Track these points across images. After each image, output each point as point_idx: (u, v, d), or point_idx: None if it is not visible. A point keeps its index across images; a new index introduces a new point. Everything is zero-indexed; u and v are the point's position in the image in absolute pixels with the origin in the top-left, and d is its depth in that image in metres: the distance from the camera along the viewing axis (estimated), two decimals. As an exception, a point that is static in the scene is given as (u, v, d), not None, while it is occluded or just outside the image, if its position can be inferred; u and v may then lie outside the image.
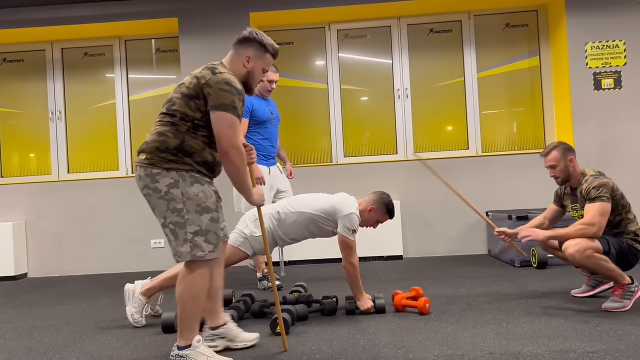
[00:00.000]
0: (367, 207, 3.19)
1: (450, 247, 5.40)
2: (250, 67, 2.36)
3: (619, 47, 5.23)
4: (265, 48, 2.38)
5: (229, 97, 2.18)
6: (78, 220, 5.55)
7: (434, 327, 2.78)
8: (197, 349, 2.22)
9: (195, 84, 2.22)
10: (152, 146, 2.22)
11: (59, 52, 5.89)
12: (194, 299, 2.22)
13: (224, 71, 2.25)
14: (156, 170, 2.19)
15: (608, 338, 2.44)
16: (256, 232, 3.13)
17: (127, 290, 3.12)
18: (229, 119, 2.17)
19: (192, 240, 2.18)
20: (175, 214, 2.18)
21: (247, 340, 2.55)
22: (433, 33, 5.74)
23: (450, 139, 5.72)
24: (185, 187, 2.17)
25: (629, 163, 5.21)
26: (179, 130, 2.21)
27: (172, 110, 2.24)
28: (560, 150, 3.16)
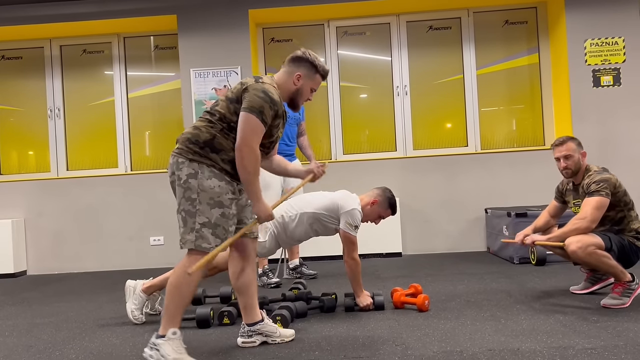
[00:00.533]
0: (370, 201, 3.21)
1: (449, 244, 5.41)
2: (299, 85, 2.47)
3: (618, 44, 5.23)
4: (316, 69, 2.50)
5: (259, 102, 2.27)
6: (77, 217, 5.55)
7: (433, 323, 2.79)
8: (169, 341, 2.22)
9: (238, 89, 2.34)
10: (185, 137, 2.33)
11: (58, 50, 5.88)
12: (179, 290, 2.25)
13: (267, 82, 2.36)
14: (182, 159, 2.29)
15: (607, 335, 2.44)
16: (260, 237, 3.13)
17: (128, 287, 3.12)
18: (251, 120, 2.26)
19: (199, 230, 2.24)
20: (188, 203, 2.26)
21: (285, 336, 2.58)
22: (432, 30, 5.74)
23: (450, 136, 5.72)
24: (202, 180, 2.25)
25: (628, 160, 5.21)
26: (213, 128, 2.31)
27: (214, 110, 2.35)
28: (575, 143, 3.16)
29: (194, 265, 2.21)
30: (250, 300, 2.55)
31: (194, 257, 2.25)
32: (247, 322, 2.56)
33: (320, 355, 2.37)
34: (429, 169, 5.44)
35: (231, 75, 5.37)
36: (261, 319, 2.56)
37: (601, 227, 3.08)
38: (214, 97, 5.38)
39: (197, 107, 5.38)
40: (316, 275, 4.27)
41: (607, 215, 3.05)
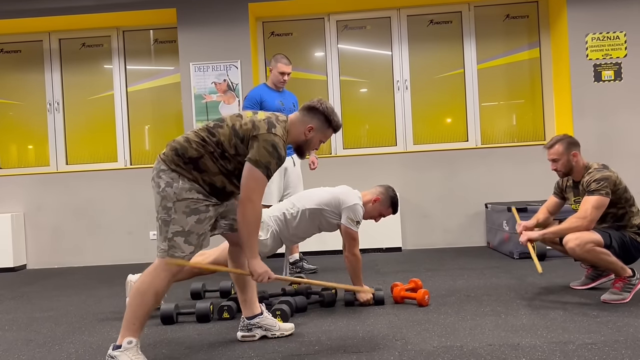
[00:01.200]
0: (372, 198, 3.19)
1: (449, 239, 5.40)
2: (309, 137, 2.45)
3: (620, 38, 5.21)
4: (329, 124, 2.46)
5: (267, 158, 2.23)
6: (77, 211, 5.54)
7: (432, 318, 2.78)
8: (126, 351, 2.15)
9: (248, 129, 2.27)
10: (173, 146, 2.28)
11: (57, 43, 5.86)
12: (144, 297, 2.19)
13: (279, 134, 2.29)
14: (164, 167, 2.25)
15: (607, 330, 2.44)
16: (261, 235, 3.09)
17: (130, 281, 3.11)
18: (257, 175, 2.23)
19: (171, 239, 2.21)
20: (164, 211, 2.22)
21: (284, 330, 2.59)
22: (433, 24, 5.71)
23: (450, 131, 5.70)
24: (179, 190, 2.21)
25: (629, 156, 5.20)
26: (204, 148, 2.25)
27: (215, 131, 2.28)
28: (564, 144, 3.14)
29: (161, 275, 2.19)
30: (250, 295, 2.55)
31: (160, 264, 2.21)
32: (246, 316, 2.56)
33: (319, 349, 2.37)
34: (429, 163, 5.43)
35: (231, 69, 5.35)
36: (260, 312, 2.57)
37: (603, 224, 3.07)
38: (214, 91, 5.36)
39: (196, 101, 5.36)
40: (316, 269, 4.26)
41: (608, 212, 3.04)
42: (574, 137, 3.23)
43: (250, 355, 2.35)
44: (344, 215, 3.09)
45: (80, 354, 2.51)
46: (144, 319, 2.21)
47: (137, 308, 2.19)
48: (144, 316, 2.20)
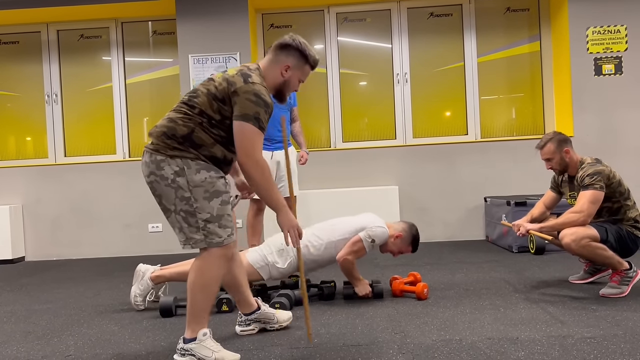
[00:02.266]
0: (395, 234, 3.14)
1: (448, 232, 5.41)
2: (287, 77, 2.28)
3: (621, 32, 5.19)
4: (306, 59, 2.29)
5: (253, 109, 2.09)
6: (75, 204, 5.53)
7: (432, 312, 2.79)
8: (203, 342, 2.14)
9: (224, 87, 2.13)
10: (160, 131, 2.15)
11: (55, 34, 5.82)
12: (206, 289, 2.14)
13: (257, 81, 2.14)
14: (160, 157, 2.11)
15: (606, 324, 2.44)
16: (279, 262, 3.05)
17: (139, 270, 3.09)
18: (249, 130, 2.09)
19: (205, 227, 2.11)
20: (184, 202, 2.10)
21: (282, 321, 2.57)
22: (433, 17, 5.68)
23: (449, 125, 5.69)
24: (190, 175, 2.10)
25: (629, 150, 5.19)
26: (191, 121, 2.13)
27: (193, 102, 2.16)
28: (554, 143, 3.14)
29: (216, 264, 2.13)
30: (242, 295, 2.51)
31: (209, 253, 2.14)
32: (244, 313, 2.56)
33: (319, 342, 2.37)
34: (428, 157, 5.42)
35: (230, 62, 5.32)
36: (257, 307, 2.54)
37: (599, 218, 3.07)
38: (213, 83, 5.32)
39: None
40: None
41: (604, 207, 3.04)
42: (564, 134, 3.21)
43: (249, 347, 2.35)
44: (366, 230, 3.05)
45: (79, 346, 2.51)
46: (210, 309, 2.20)
47: (203, 300, 2.15)
48: (209, 306, 2.19)
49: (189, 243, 2.14)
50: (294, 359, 2.19)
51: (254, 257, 3.08)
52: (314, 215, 5.09)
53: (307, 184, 5.37)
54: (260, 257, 3.08)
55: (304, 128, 5.73)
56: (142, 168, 2.19)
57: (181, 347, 2.17)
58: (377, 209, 5.04)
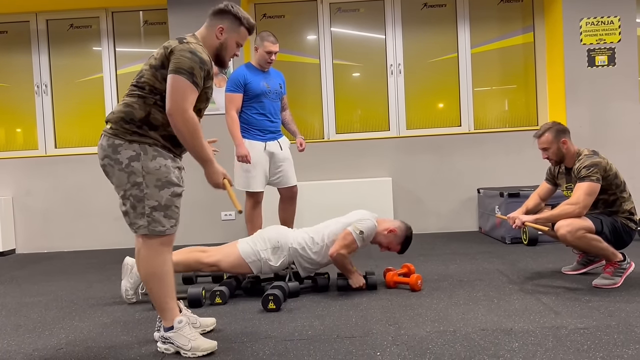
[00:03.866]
0: (389, 227, 3.14)
1: (441, 224, 5.41)
2: (223, 39, 2.31)
3: (614, 23, 5.19)
4: (240, 21, 2.33)
5: (188, 63, 2.10)
6: (66, 196, 5.48)
7: (425, 303, 2.78)
8: (179, 330, 2.18)
9: (161, 53, 2.16)
10: (118, 116, 2.17)
11: (44, 24, 5.74)
12: (156, 277, 2.15)
13: (193, 42, 2.18)
14: (119, 141, 2.14)
15: (599, 315, 2.45)
16: (272, 260, 3.05)
17: (127, 264, 3.06)
18: (180, 82, 2.08)
19: (150, 214, 2.13)
20: (135, 187, 2.13)
21: (205, 325, 2.47)
22: (427, 7, 5.65)
23: (443, 116, 5.68)
24: (146, 161, 2.12)
25: (621, 141, 5.21)
26: (146, 103, 2.16)
27: (141, 83, 2.18)
28: (552, 133, 3.13)
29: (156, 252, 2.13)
30: None
31: (150, 242, 2.15)
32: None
33: (313, 334, 2.36)
34: (422, 148, 5.41)
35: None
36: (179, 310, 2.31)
37: (594, 210, 3.07)
38: (205, 74, 5.28)
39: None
40: None
41: (600, 199, 3.04)
42: (563, 124, 3.21)
43: (242, 340, 2.34)
44: (353, 224, 3.04)
45: (71, 339, 2.48)
46: (172, 294, 2.20)
47: (160, 291, 2.17)
48: (170, 292, 2.19)
49: (132, 228, 2.17)
50: (287, 350, 2.18)
51: (246, 251, 3.06)
52: (307, 207, 5.07)
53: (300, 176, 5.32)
54: (252, 252, 3.06)
55: (297, 120, 5.70)
56: (98, 152, 2.22)
57: (161, 335, 2.22)
58: (370, 200, 5.06)
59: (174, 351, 2.19)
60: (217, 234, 5.31)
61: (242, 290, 3.18)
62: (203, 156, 2.18)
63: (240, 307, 2.89)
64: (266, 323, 2.56)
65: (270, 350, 2.20)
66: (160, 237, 2.16)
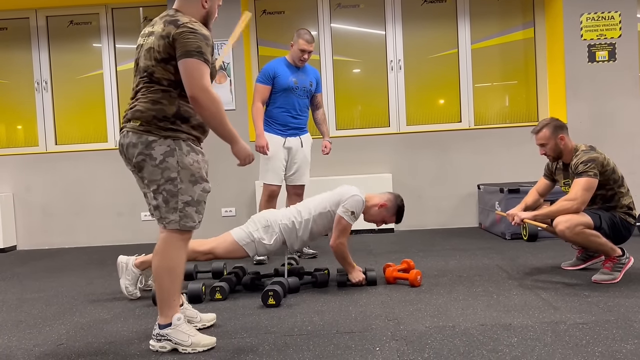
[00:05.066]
0: (379, 203, 3.16)
1: (441, 219, 5.41)
2: (208, 7, 2.28)
3: (615, 18, 5.17)
4: None
5: (194, 43, 2.07)
6: (66, 192, 5.49)
7: (425, 299, 2.79)
8: (178, 327, 2.17)
9: (164, 45, 2.11)
10: (149, 115, 2.13)
11: (44, 20, 5.73)
12: (172, 272, 2.16)
13: (187, 20, 2.13)
14: (152, 137, 2.12)
15: (598, 310, 2.46)
16: (265, 238, 3.08)
17: (120, 262, 3.08)
18: (194, 63, 2.07)
19: (183, 210, 2.14)
20: (169, 183, 2.13)
21: (205, 320, 2.49)
22: (427, 3, 5.64)
23: (443, 112, 5.67)
24: (181, 157, 2.12)
25: (622, 136, 5.20)
26: (171, 97, 2.14)
27: (156, 78, 2.15)
28: (550, 129, 3.13)
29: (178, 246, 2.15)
30: None
31: (175, 237, 2.16)
32: None
33: (312, 330, 2.37)
34: (422, 145, 5.41)
35: (221, 48, 5.26)
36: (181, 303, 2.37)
37: (592, 205, 3.08)
38: (205, 70, 5.28)
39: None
40: (316, 254, 4.14)
41: (598, 194, 3.04)
42: (561, 120, 3.21)
43: (242, 335, 2.35)
44: (341, 205, 3.07)
45: (72, 335, 2.49)
46: (179, 291, 2.22)
47: (170, 286, 2.16)
48: (178, 290, 2.20)
49: (162, 222, 2.17)
50: (287, 346, 2.18)
51: (239, 235, 3.11)
52: (307, 203, 5.08)
53: (300, 172, 5.35)
54: (245, 234, 3.11)
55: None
56: (124, 150, 2.19)
57: (157, 333, 2.18)
58: (370, 196, 5.05)
59: (170, 348, 2.17)
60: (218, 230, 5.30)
61: (242, 286, 3.19)
62: (232, 134, 2.18)
63: (240, 302, 2.89)
64: (266, 319, 2.57)
65: (269, 345, 2.20)
66: (187, 233, 2.18)
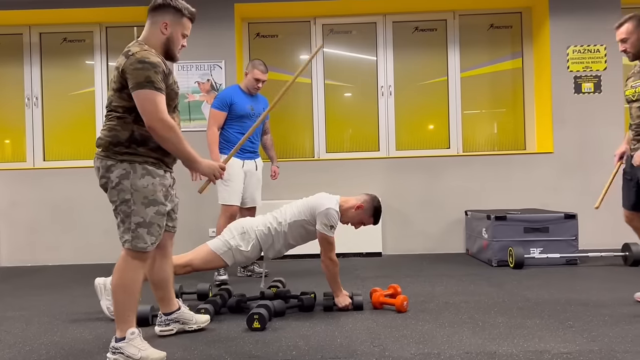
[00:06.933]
0: (356, 204, 3.18)
1: (429, 245, 5.43)
2: (168, 34, 2.36)
3: (600, 51, 5.30)
4: (181, 12, 2.38)
5: (143, 74, 2.17)
6: (53, 209, 5.44)
7: (411, 325, 2.78)
8: (131, 341, 2.26)
9: (117, 75, 2.24)
10: (106, 141, 2.27)
11: (37, 37, 5.75)
12: (126, 289, 2.27)
13: (137, 50, 2.23)
14: (110, 162, 2.25)
15: (582, 339, 2.47)
16: (242, 245, 3.11)
17: (98, 284, 3.04)
18: (146, 94, 2.18)
19: (135, 230, 2.26)
20: (124, 204, 2.26)
21: (200, 322, 2.70)
22: (418, 31, 5.75)
23: (432, 138, 5.74)
24: (134, 179, 2.24)
25: (607, 165, 5.27)
26: (125, 122, 2.25)
27: (113, 107, 2.27)
28: (634, 22, 2.89)
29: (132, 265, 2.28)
30: (167, 293, 2.64)
31: (130, 256, 2.29)
32: (164, 312, 2.66)
33: (297, 355, 2.35)
34: (411, 169, 5.45)
35: (215, 69, 5.31)
36: (178, 307, 2.67)
37: None
38: (197, 90, 5.31)
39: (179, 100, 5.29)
40: (267, 273, 4.17)
41: None
42: None
43: (225, 358, 2.32)
44: (318, 221, 3.09)
45: (52, 355, 2.45)
46: (135, 308, 2.31)
47: (125, 301, 2.27)
48: (133, 306, 2.30)
49: (121, 241, 2.31)
50: (271, 371, 2.16)
51: (216, 244, 3.13)
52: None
53: (289, 194, 5.35)
54: (222, 243, 3.13)
55: (288, 138, 5.75)
56: (95, 173, 2.33)
57: (112, 346, 2.28)
58: (359, 220, 5.07)
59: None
60: None
61: (227, 308, 3.16)
62: (190, 156, 2.31)
63: (224, 325, 2.87)
64: (250, 342, 2.55)
65: (253, 370, 2.18)
66: (140, 253, 2.29)
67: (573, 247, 4.45)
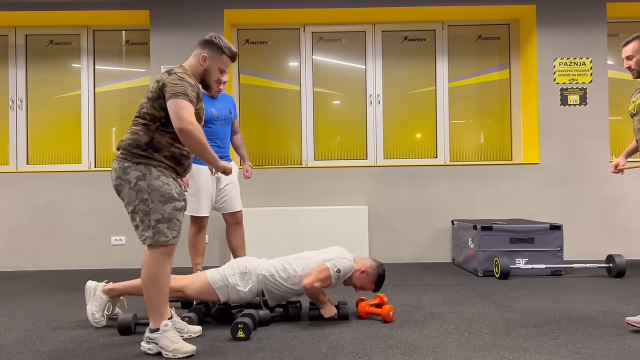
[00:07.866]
0: (361, 269, 3.13)
1: (415, 254, 5.43)
2: (206, 66, 2.64)
3: (586, 64, 5.37)
4: (221, 50, 2.65)
5: (180, 87, 2.43)
6: (36, 213, 5.35)
7: (397, 335, 2.77)
8: (165, 333, 2.44)
9: (156, 87, 2.49)
10: (126, 143, 2.50)
11: (23, 39, 5.68)
12: (154, 283, 2.44)
13: (179, 71, 2.53)
14: (127, 164, 2.46)
15: (567, 351, 2.47)
16: (239, 285, 2.99)
17: (89, 287, 3.01)
18: (179, 103, 2.41)
19: (155, 227, 2.44)
20: (142, 203, 2.44)
21: (192, 332, 2.77)
22: (407, 41, 5.78)
23: (420, 147, 5.76)
24: (151, 180, 2.44)
25: (591, 177, 5.34)
26: (149, 129, 2.49)
27: (143, 114, 2.52)
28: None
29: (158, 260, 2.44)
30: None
31: (156, 252, 2.45)
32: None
33: (281, 365, 2.32)
34: (398, 178, 5.46)
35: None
36: (170, 316, 2.68)
37: None
38: (185, 96, 5.27)
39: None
40: None
41: None
42: None
43: (209, 369, 2.28)
44: (332, 260, 3.03)
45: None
46: (166, 300, 2.50)
47: (156, 294, 2.45)
48: (165, 299, 2.48)
49: (141, 239, 2.47)
50: (255, 382, 2.13)
51: (213, 277, 3.01)
52: (283, 233, 5.05)
53: (276, 201, 5.34)
54: (220, 277, 3.01)
55: (276, 145, 5.74)
56: (111, 174, 2.54)
57: (147, 336, 2.48)
58: (346, 228, 5.06)
59: (156, 351, 2.46)
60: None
61: (212, 317, 3.13)
62: (213, 157, 2.52)
63: (208, 334, 2.83)
64: (234, 352, 2.51)
65: (237, 380, 2.15)
66: (163, 247, 2.46)
67: (558, 257, 4.47)
